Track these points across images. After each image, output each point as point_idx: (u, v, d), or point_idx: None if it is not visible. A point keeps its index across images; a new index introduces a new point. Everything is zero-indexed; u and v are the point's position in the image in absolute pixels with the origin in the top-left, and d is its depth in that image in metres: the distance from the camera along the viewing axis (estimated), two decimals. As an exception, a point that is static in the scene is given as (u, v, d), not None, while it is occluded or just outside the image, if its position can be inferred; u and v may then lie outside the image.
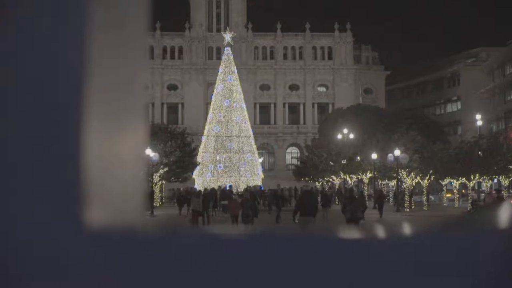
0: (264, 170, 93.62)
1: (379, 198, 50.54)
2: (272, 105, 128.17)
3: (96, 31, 1.74)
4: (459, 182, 64.91)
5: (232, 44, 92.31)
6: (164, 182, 66.98)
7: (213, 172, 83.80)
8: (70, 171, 1.67)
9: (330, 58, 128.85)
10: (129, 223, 1.81)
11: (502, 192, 52.14)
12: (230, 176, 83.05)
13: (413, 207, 59.08)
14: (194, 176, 79.81)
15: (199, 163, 78.15)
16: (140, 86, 1.90)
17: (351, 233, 1.59)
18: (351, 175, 72.32)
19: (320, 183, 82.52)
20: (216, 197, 52.02)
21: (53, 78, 1.70)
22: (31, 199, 1.67)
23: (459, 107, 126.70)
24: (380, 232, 1.51)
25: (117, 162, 1.81)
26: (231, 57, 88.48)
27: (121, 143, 1.82)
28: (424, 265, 1.52)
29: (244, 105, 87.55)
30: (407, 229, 1.53)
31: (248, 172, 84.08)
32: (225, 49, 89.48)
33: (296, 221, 28.11)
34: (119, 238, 1.65)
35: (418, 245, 1.55)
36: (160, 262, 1.61)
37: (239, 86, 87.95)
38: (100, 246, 1.63)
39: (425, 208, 59.24)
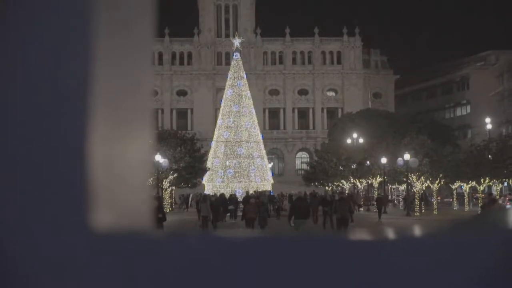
0: (273, 175, 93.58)
1: (377, 201, 54.42)
2: (281, 110, 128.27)
3: (101, 35, 1.74)
4: (469, 185, 64.82)
5: (241, 49, 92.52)
6: (174, 188, 67.09)
7: (223, 178, 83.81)
8: (76, 174, 1.68)
9: (339, 62, 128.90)
10: (136, 226, 1.86)
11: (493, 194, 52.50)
12: (240, 182, 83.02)
13: (423, 211, 58.97)
14: (204, 181, 79.86)
15: (209, 168, 78.21)
16: (147, 89, 1.94)
17: (345, 235, 1.62)
18: (361, 180, 72.29)
19: (330, 187, 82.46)
20: (226, 203, 51.98)
21: (60, 81, 1.71)
22: (38, 202, 1.69)
23: (469, 110, 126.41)
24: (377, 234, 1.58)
25: (124, 165, 1.82)
26: (240, 63, 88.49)
27: (128, 146, 1.84)
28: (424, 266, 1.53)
29: (253, 110, 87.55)
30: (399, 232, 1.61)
31: (258, 177, 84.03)
32: (234, 54, 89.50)
33: (292, 224, 30.76)
34: (125, 241, 1.66)
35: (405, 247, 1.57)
36: (168, 265, 1.62)
37: (248, 91, 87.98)
38: (106, 249, 1.65)
39: (435, 212, 59.13)
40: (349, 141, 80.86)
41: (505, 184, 70.06)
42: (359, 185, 73.90)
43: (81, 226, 1.67)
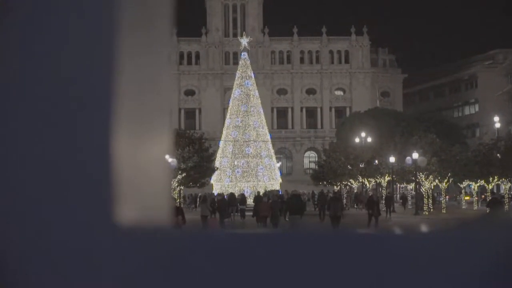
0: (282, 174, 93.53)
1: (386, 200, 56.66)
2: (290, 110, 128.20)
3: (123, 36, 1.76)
4: (478, 184, 64.69)
5: (249, 49, 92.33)
6: (182, 187, 67.10)
7: (231, 177, 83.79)
8: (101, 171, 1.71)
9: (347, 61, 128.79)
10: (157, 222, 1.88)
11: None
12: (248, 181, 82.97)
13: (431, 210, 58.91)
14: (212, 181, 79.84)
15: (217, 168, 78.16)
16: (167, 88, 1.99)
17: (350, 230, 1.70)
18: (369, 179, 72.20)
19: (338, 187, 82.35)
20: (235, 202, 52.01)
21: (83, 80, 1.74)
22: (64, 197, 1.72)
23: (477, 109, 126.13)
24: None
25: (146, 163, 1.84)
26: (248, 62, 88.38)
27: (151, 144, 1.89)
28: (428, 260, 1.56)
29: (261, 110, 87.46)
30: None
31: (266, 177, 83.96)
32: (242, 54, 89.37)
33: (287, 219, 33.89)
34: (149, 236, 1.69)
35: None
36: (188, 259, 1.65)
37: (256, 91, 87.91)
38: (132, 244, 1.68)
39: (443, 211, 59.09)
40: (357, 140, 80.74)
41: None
42: (368, 184, 73.81)
43: (106, 221, 1.70)
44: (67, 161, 1.72)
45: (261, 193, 55.82)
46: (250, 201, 57.25)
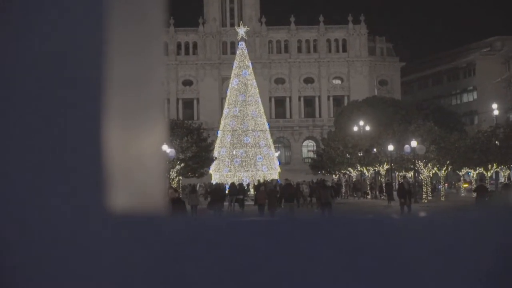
0: (280, 163, 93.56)
1: (387, 187, 58.62)
2: (288, 99, 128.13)
3: (114, 26, 1.76)
4: (477, 172, 64.66)
5: (246, 38, 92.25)
6: (181, 178, 67.08)
7: (230, 167, 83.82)
8: (93, 161, 1.71)
9: (344, 50, 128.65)
10: (150, 209, 1.88)
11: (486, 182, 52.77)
12: (247, 171, 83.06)
13: (430, 198, 58.87)
14: (210, 171, 79.82)
15: (216, 158, 78.14)
16: (160, 78, 1.93)
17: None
18: (368, 167, 72.17)
19: (337, 175, 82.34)
20: (236, 192, 51.97)
21: (76, 70, 1.74)
22: (57, 189, 1.72)
23: (475, 97, 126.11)
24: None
25: (140, 152, 1.83)
26: (246, 52, 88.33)
27: (142, 133, 1.86)
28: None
29: (259, 99, 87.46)
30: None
31: (265, 166, 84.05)
32: (239, 43, 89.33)
33: (282, 206, 35.97)
34: (141, 223, 1.70)
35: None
36: (181, 245, 1.66)
37: (254, 80, 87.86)
38: (124, 231, 1.69)
39: (442, 199, 59.09)
40: (355, 128, 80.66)
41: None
42: (366, 173, 73.79)
43: (99, 212, 1.70)
44: (59, 152, 1.72)
45: (261, 182, 56.60)
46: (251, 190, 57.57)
